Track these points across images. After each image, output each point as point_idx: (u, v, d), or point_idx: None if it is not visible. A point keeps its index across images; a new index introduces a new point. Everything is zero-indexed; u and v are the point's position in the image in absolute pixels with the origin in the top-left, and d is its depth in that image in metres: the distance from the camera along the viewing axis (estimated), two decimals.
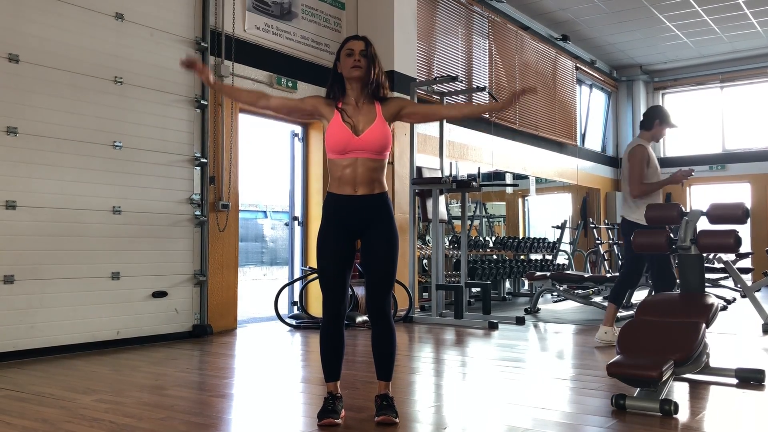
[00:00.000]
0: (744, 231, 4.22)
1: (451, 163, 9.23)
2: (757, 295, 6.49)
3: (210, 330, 5.91)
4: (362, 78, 2.97)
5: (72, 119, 5.11)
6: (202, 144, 6.02)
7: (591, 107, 13.80)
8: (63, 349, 4.95)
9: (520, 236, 11.40)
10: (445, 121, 7.53)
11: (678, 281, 4.32)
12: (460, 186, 7.03)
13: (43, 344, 4.85)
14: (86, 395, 3.56)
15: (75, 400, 3.43)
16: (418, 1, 8.15)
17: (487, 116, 9.85)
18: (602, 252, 11.65)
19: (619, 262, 11.01)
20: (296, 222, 7.42)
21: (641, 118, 5.60)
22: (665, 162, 14.48)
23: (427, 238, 8.66)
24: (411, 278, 7.16)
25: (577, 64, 12.68)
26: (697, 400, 3.46)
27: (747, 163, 13.54)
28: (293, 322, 6.58)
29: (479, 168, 9.26)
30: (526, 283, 9.92)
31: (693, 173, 5.22)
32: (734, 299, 8.84)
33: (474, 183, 6.99)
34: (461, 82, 8.41)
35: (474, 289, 8.76)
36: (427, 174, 7.30)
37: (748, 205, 4.24)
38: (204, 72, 3.14)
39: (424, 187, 7.04)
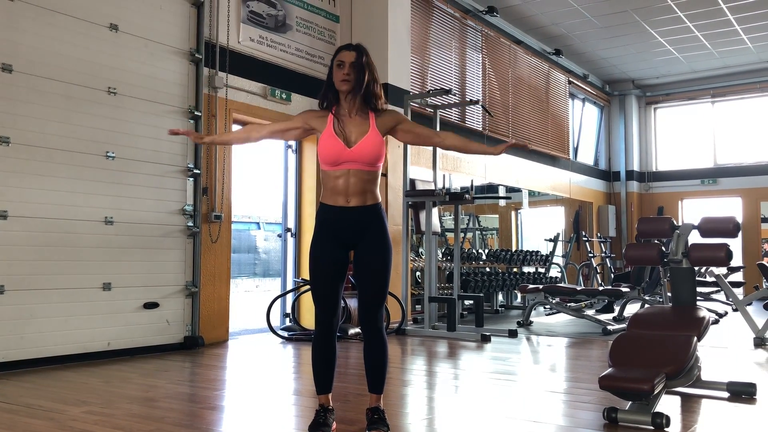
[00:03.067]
0: (735, 245, 4.23)
1: (444, 175, 9.25)
2: (749, 308, 6.51)
3: (201, 342, 5.88)
4: (351, 91, 2.97)
5: (65, 129, 5.10)
6: (195, 155, 6.02)
7: (584, 121, 13.88)
8: (53, 361, 4.91)
9: (513, 249, 11.40)
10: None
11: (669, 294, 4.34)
12: (453, 198, 7.05)
13: (33, 355, 4.81)
14: (76, 407, 3.53)
15: (65, 412, 3.41)
16: (412, 15, 8.20)
17: (481, 129, 9.89)
18: (594, 265, 11.68)
19: (611, 275, 11.04)
20: (289, 233, 7.42)
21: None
22: (657, 176, 14.60)
23: (420, 250, 8.66)
24: (404, 290, 7.15)
25: (570, 79, 12.76)
26: (689, 414, 3.46)
27: (738, 177, 13.64)
28: (285, 334, 6.55)
29: (472, 181, 9.29)
30: (519, 295, 9.92)
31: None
32: (726, 313, 8.87)
33: (467, 195, 7.01)
34: (455, 95, 8.44)
35: (467, 302, 8.75)
36: (420, 186, 7.31)
37: (740, 220, 4.26)
38: (190, 133, 3.27)
39: (418, 199, 7.05)
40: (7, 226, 4.73)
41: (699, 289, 9.02)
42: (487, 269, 9.62)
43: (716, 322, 7.89)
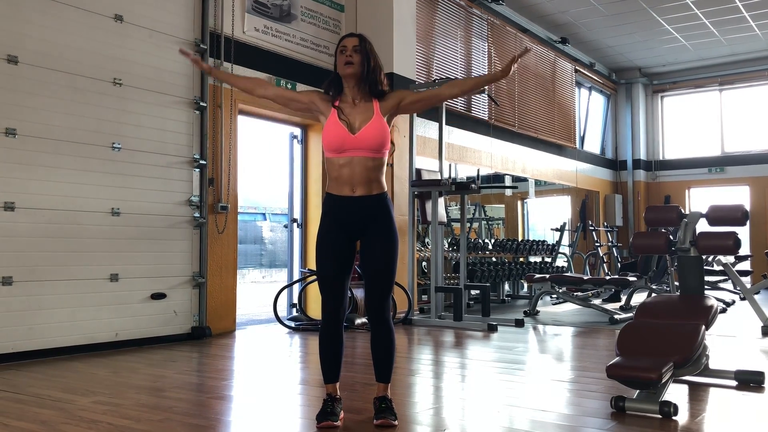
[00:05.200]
0: (743, 234, 4.21)
1: (450, 165, 9.23)
2: (756, 297, 6.49)
3: (209, 332, 5.90)
4: (355, 75, 2.96)
5: (71, 121, 5.10)
6: (201, 146, 6.01)
7: (590, 110, 13.81)
8: (61, 351, 4.94)
9: (520, 239, 11.38)
10: (444, 123, 7.52)
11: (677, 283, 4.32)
12: (459, 188, 7.03)
13: (41, 346, 4.84)
14: (84, 397, 3.55)
15: (73, 402, 3.42)
16: (418, 4, 8.16)
17: (487, 118, 9.85)
18: (601, 254, 11.65)
19: (618, 265, 11.01)
20: (295, 224, 7.42)
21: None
22: (665, 165, 14.53)
23: (426, 240, 8.66)
24: (410, 280, 7.15)
25: (577, 67, 12.69)
26: (697, 402, 3.45)
27: (746, 165, 13.55)
28: (292, 324, 6.57)
29: (478, 170, 9.27)
30: (525, 285, 9.92)
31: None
32: (733, 302, 8.84)
33: (473, 185, 6.99)
34: None
35: (473, 292, 8.75)
36: (426, 176, 7.29)
37: (747, 208, 4.23)
38: (197, 60, 3.29)
39: (424, 189, 7.04)
40: (14, 217, 4.74)
41: (706, 278, 9.00)
42: (494, 259, 9.61)
43: (724, 311, 7.86)
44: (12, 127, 4.76)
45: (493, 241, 9.93)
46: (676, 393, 3.53)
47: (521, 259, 10.28)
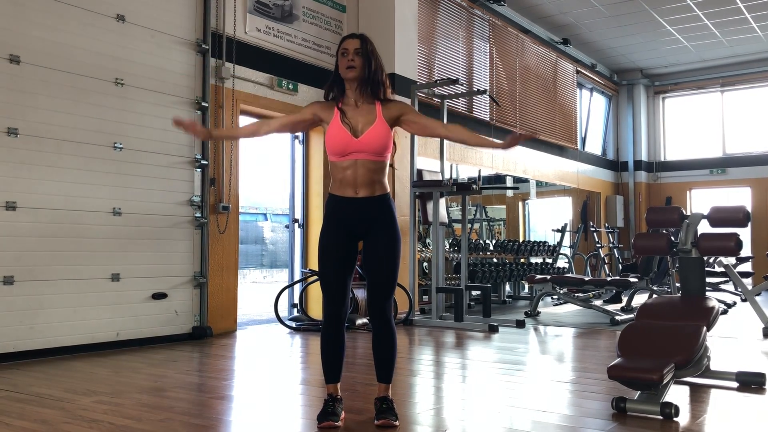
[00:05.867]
0: (744, 235, 4.21)
1: (451, 165, 9.23)
2: (758, 299, 6.49)
3: (210, 332, 5.90)
4: (357, 78, 2.96)
5: (72, 120, 5.11)
6: (202, 146, 6.02)
7: (591, 111, 13.81)
8: (62, 351, 4.94)
9: (521, 239, 11.37)
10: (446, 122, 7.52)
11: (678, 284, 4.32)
12: (460, 189, 7.03)
13: (42, 345, 4.84)
14: (86, 396, 3.55)
15: (74, 402, 3.43)
16: (419, 4, 8.16)
17: (488, 119, 9.85)
18: (602, 255, 11.64)
19: (619, 266, 11.01)
20: (296, 224, 7.42)
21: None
22: (666, 166, 14.52)
23: (428, 240, 8.65)
24: (411, 281, 7.15)
25: (578, 68, 12.69)
26: (698, 404, 3.45)
27: (747, 167, 13.54)
28: (293, 324, 6.57)
29: (480, 171, 9.28)
30: (527, 286, 9.91)
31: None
32: (735, 303, 8.84)
33: (474, 186, 6.99)
34: (462, 85, 8.41)
35: (474, 292, 8.75)
36: (427, 177, 7.30)
37: (749, 209, 4.23)
38: (195, 127, 3.27)
39: (425, 189, 7.04)
40: (16, 217, 4.75)
41: (708, 280, 8.99)
42: (495, 260, 9.61)
43: (725, 312, 7.86)
44: (14, 127, 4.76)
45: (494, 241, 9.93)
46: (678, 394, 3.53)
47: (522, 260, 10.27)
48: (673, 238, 4.14)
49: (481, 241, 9.61)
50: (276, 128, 3.19)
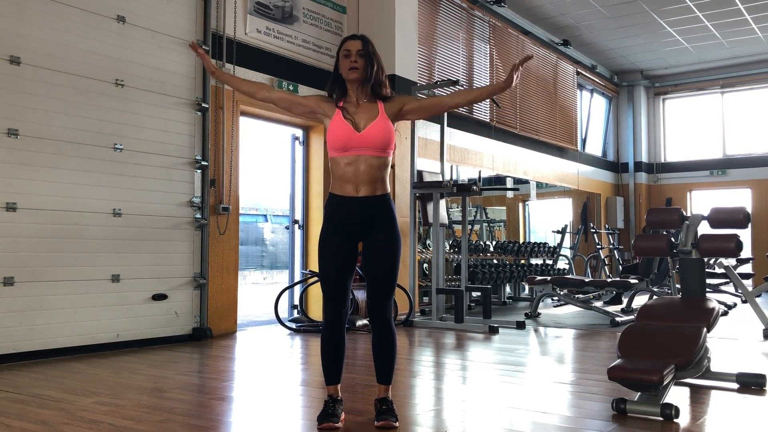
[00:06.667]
0: (745, 236, 4.20)
1: (451, 167, 9.22)
2: (758, 300, 6.48)
3: (210, 333, 5.90)
4: (360, 79, 2.97)
5: (73, 122, 5.11)
6: (202, 147, 6.02)
7: (592, 112, 13.81)
8: (63, 352, 4.94)
9: (521, 241, 11.37)
10: (446, 125, 7.53)
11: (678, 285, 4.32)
12: (460, 190, 7.03)
13: (42, 346, 4.84)
14: (86, 397, 3.55)
15: (74, 402, 3.42)
16: (420, 5, 8.16)
17: (488, 120, 9.85)
18: (603, 257, 11.64)
19: (619, 267, 11.00)
20: (297, 225, 7.42)
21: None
22: (666, 167, 14.52)
23: (428, 242, 8.65)
24: (411, 282, 7.15)
25: (578, 69, 12.69)
26: (698, 405, 3.45)
27: (748, 168, 13.54)
28: (293, 325, 6.57)
29: (480, 172, 9.27)
30: (527, 287, 9.91)
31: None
32: (735, 304, 8.83)
33: (474, 187, 6.99)
34: (462, 86, 8.41)
35: (474, 294, 8.75)
36: (427, 178, 7.30)
37: (749, 211, 4.23)
38: (204, 55, 3.32)
39: (425, 191, 7.04)
40: (16, 218, 4.75)
41: (708, 281, 8.98)
42: (495, 261, 9.61)
43: (725, 313, 7.85)
44: (14, 128, 4.76)
45: (494, 243, 9.93)
46: (678, 395, 3.53)
47: (522, 261, 10.27)
48: (673, 239, 4.14)
49: (481, 243, 9.60)
50: (274, 99, 3.16)
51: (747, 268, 11.31)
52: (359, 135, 2.91)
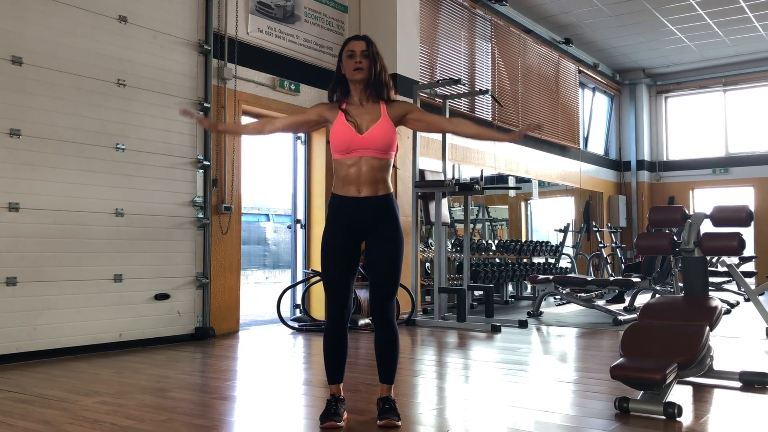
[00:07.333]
0: (747, 235, 4.20)
1: (453, 166, 9.22)
2: (761, 298, 6.47)
3: (212, 332, 5.90)
4: (365, 80, 2.97)
5: (75, 121, 5.11)
6: (204, 146, 6.02)
7: (594, 111, 13.80)
8: (65, 351, 4.95)
9: (523, 239, 11.36)
10: None
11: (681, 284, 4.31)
12: (462, 189, 7.02)
13: (45, 346, 4.84)
14: (88, 397, 3.55)
15: (77, 402, 3.43)
16: (421, 4, 8.16)
17: (490, 119, 9.85)
18: (605, 255, 11.63)
19: (622, 266, 10.99)
20: (299, 225, 7.42)
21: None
22: (668, 166, 14.50)
23: (430, 241, 8.65)
24: (413, 281, 7.15)
25: (580, 68, 12.67)
26: (701, 404, 3.45)
27: (750, 166, 13.52)
28: (296, 324, 6.57)
29: (482, 171, 9.25)
30: (529, 286, 9.90)
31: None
32: (738, 303, 8.82)
33: (477, 186, 6.99)
34: (464, 85, 8.40)
35: (476, 293, 8.74)
36: (429, 177, 7.29)
37: (752, 209, 4.22)
38: (202, 120, 3.44)
39: (427, 190, 7.04)
40: (18, 218, 4.75)
41: (711, 279, 8.97)
42: (497, 260, 9.60)
43: (728, 312, 7.84)
44: (16, 128, 4.77)
45: (496, 242, 9.92)
46: (681, 394, 3.52)
47: (525, 260, 10.26)
48: (675, 237, 4.13)
49: (483, 242, 9.60)
50: (280, 128, 3.19)
51: (750, 267, 11.30)
52: (361, 137, 2.91)
